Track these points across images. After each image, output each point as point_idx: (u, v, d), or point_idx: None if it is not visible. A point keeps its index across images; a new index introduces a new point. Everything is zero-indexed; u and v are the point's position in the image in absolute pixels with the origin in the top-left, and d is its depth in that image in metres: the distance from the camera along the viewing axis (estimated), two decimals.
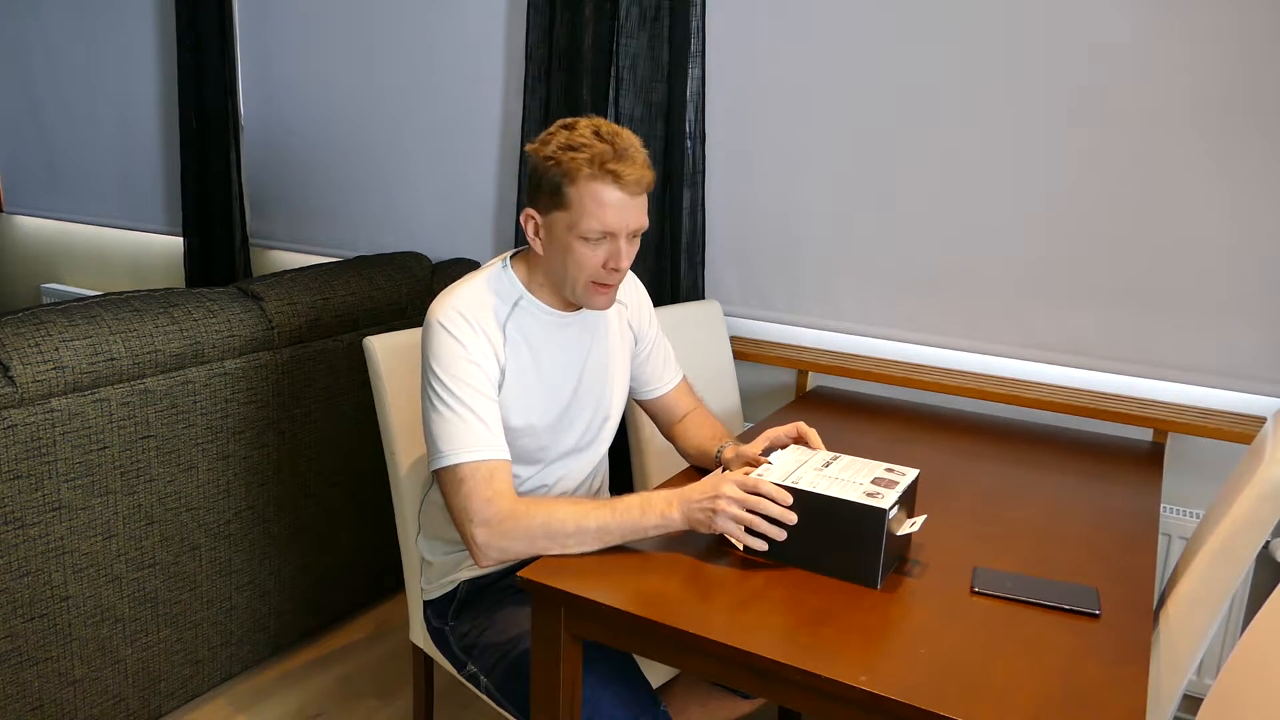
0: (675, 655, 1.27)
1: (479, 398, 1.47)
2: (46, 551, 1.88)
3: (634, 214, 1.47)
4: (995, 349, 2.35)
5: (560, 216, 1.47)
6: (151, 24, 3.64)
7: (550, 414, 1.59)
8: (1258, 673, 1.07)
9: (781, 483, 1.37)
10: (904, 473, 1.44)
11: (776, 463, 1.46)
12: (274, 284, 2.29)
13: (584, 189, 1.44)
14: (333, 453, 2.44)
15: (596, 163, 1.42)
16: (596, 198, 1.44)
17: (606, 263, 1.48)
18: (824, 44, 2.41)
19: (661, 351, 1.80)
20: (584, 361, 1.63)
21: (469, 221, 3.08)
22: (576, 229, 1.46)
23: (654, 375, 1.79)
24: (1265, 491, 1.35)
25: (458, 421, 1.45)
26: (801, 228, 2.52)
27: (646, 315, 1.78)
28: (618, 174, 1.43)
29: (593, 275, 1.50)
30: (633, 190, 1.45)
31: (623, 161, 1.43)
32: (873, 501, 1.32)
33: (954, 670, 1.15)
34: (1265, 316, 2.07)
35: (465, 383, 1.46)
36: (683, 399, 1.82)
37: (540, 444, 1.59)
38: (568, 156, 1.44)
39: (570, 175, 1.44)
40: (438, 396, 1.46)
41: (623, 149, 1.44)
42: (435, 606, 1.72)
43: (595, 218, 1.44)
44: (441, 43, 3.01)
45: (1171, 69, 2.07)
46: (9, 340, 1.80)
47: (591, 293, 1.52)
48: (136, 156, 3.82)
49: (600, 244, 1.47)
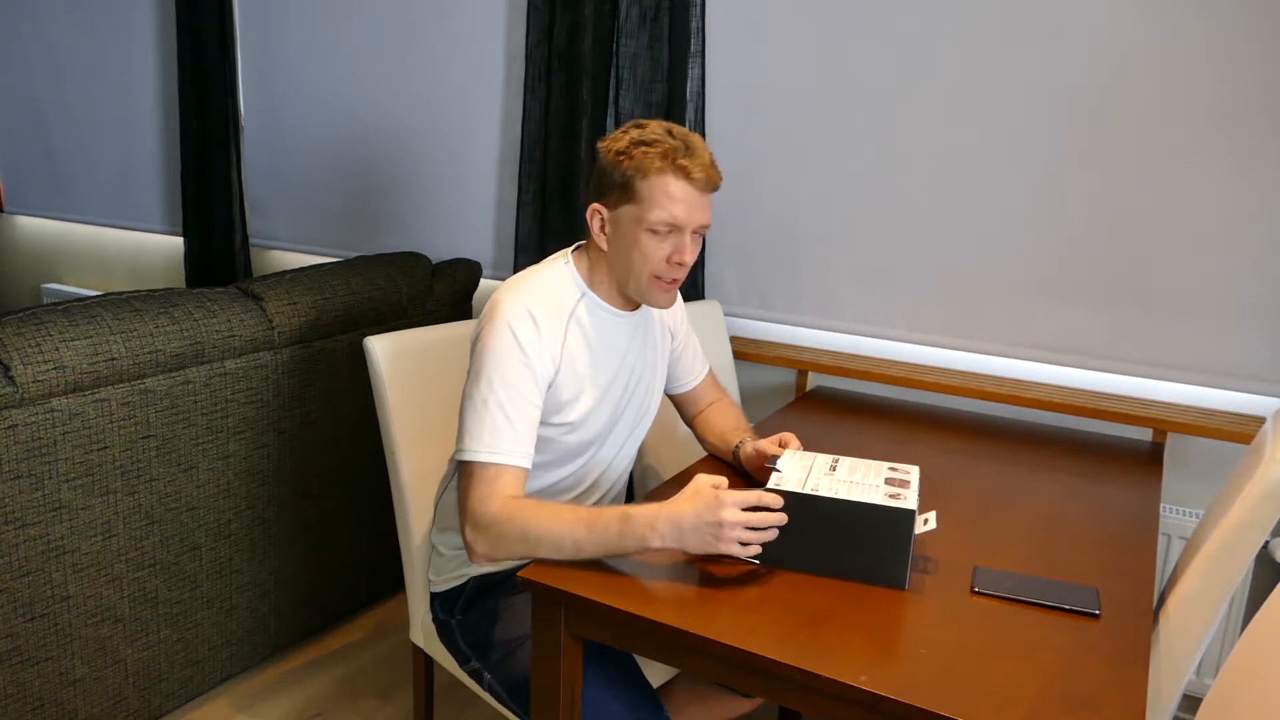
0: (675, 655, 1.27)
1: (519, 400, 1.47)
2: (47, 551, 1.88)
3: (700, 210, 1.51)
4: (995, 349, 2.35)
5: (629, 210, 1.50)
6: (151, 24, 3.64)
7: (602, 412, 1.61)
8: (1258, 673, 1.07)
9: (799, 491, 1.35)
10: (908, 471, 1.45)
11: (785, 470, 1.45)
12: (274, 284, 2.29)
13: (655, 182, 1.48)
14: (333, 453, 2.44)
15: (668, 157, 1.47)
16: (667, 190, 1.47)
17: (671, 256, 1.51)
18: (824, 44, 2.41)
19: (692, 347, 1.84)
20: (636, 361, 1.66)
21: (469, 221, 3.08)
22: (645, 221, 1.49)
23: (686, 370, 1.83)
24: (1265, 491, 1.35)
25: (487, 419, 1.45)
26: (801, 228, 2.52)
27: (680, 314, 1.81)
28: (688, 169, 1.47)
29: (656, 269, 1.52)
30: (701, 186, 1.49)
31: (693, 158, 1.48)
32: (898, 503, 1.32)
33: (954, 670, 1.15)
34: (1265, 316, 2.07)
35: (510, 384, 1.46)
36: (709, 391, 1.86)
37: (587, 440, 1.61)
38: (640, 151, 1.48)
39: (643, 169, 1.48)
40: (478, 389, 1.47)
41: (694, 147, 1.49)
42: (443, 600, 1.72)
43: (665, 209, 1.48)
44: (441, 43, 3.01)
45: (1172, 69, 2.07)
46: (9, 340, 1.80)
47: (654, 288, 1.55)
48: (136, 156, 3.82)
49: (667, 238, 1.50)
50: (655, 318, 1.73)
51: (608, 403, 1.61)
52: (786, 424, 2.03)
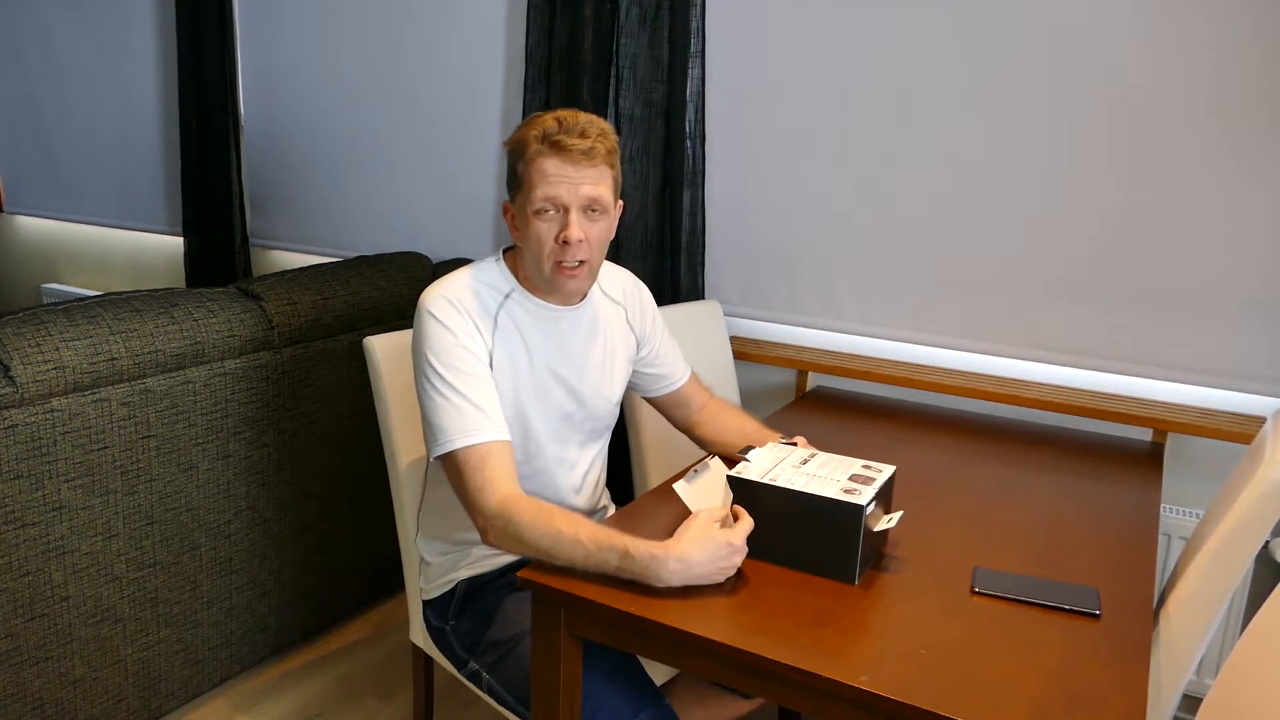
0: (675, 655, 1.27)
1: (472, 380, 1.48)
2: (47, 551, 1.88)
3: (585, 184, 1.47)
4: (995, 349, 2.35)
5: (520, 198, 1.51)
6: (151, 24, 3.64)
7: (543, 405, 1.60)
8: (1258, 673, 1.07)
9: (760, 480, 1.39)
10: (881, 469, 1.45)
11: (754, 460, 1.46)
12: (274, 284, 2.29)
13: (532, 164, 1.48)
14: (333, 453, 2.44)
15: (543, 138, 1.46)
16: (542, 170, 1.47)
17: (558, 236, 1.48)
18: (824, 44, 2.41)
19: (671, 347, 1.82)
20: (580, 356, 1.64)
21: (469, 221, 3.08)
22: (531, 203, 1.48)
23: (667, 372, 1.81)
24: (1265, 491, 1.35)
25: (450, 408, 1.46)
26: (801, 228, 2.52)
27: (650, 316, 1.78)
28: (560, 144, 1.45)
29: (552, 253, 1.50)
30: (578, 160, 1.46)
31: (568, 134, 1.45)
32: (850, 498, 1.34)
33: (954, 670, 1.15)
34: (1265, 316, 2.07)
35: (456, 368, 1.47)
36: (696, 392, 1.84)
37: (532, 434, 1.60)
38: (519, 135, 1.49)
39: (522, 154, 1.49)
40: (430, 384, 1.48)
41: (571, 124, 1.46)
42: (435, 607, 1.72)
43: (540, 189, 1.47)
44: (441, 43, 3.01)
45: (1172, 69, 2.07)
46: (9, 340, 1.80)
47: (557, 274, 1.51)
48: (136, 156, 3.82)
49: (553, 218, 1.48)
50: (612, 316, 1.71)
51: (548, 396, 1.59)
52: (786, 424, 2.03)
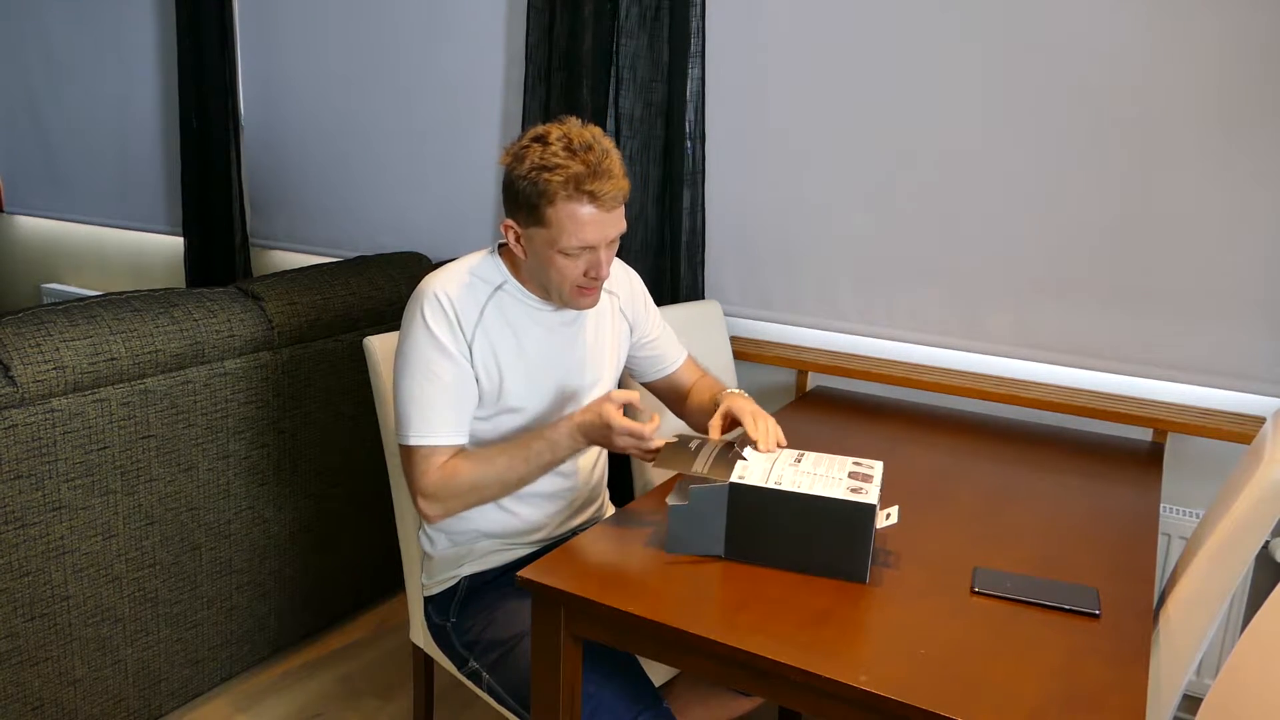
0: (675, 655, 1.27)
1: (437, 384, 1.52)
2: (47, 551, 1.88)
3: (612, 225, 1.50)
4: (995, 349, 2.35)
5: (539, 233, 1.50)
6: (151, 24, 3.64)
7: (535, 396, 1.62)
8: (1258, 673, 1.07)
9: (763, 485, 1.38)
10: (872, 465, 1.46)
11: (752, 461, 1.46)
12: (274, 284, 2.29)
13: (561, 210, 1.46)
14: (333, 453, 2.44)
15: (572, 184, 1.44)
16: (575, 218, 1.46)
17: (588, 272, 1.52)
18: (824, 44, 2.41)
19: (667, 332, 1.84)
20: (572, 347, 1.65)
21: (469, 221, 3.08)
22: (556, 245, 1.48)
23: (662, 353, 1.83)
24: (1265, 492, 1.35)
25: (415, 405, 1.53)
26: (802, 228, 2.52)
27: (641, 302, 1.80)
28: (594, 194, 1.45)
29: (576, 282, 1.53)
30: (609, 206, 1.48)
31: (599, 179, 1.45)
32: (859, 498, 1.34)
33: (954, 670, 1.15)
34: (1265, 316, 2.07)
35: (429, 369, 1.52)
36: (691, 374, 1.86)
37: (525, 425, 1.62)
38: (543, 178, 1.45)
39: (548, 196, 1.46)
40: (406, 375, 1.54)
41: (596, 165, 1.45)
42: (436, 603, 1.72)
43: (574, 236, 1.47)
44: (441, 43, 3.01)
45: (1172, 68, 2.07)
46: (9, 340, 1.80)
47: (576, 296, 1.56)
48: (136, 156, 3.82)
49: (581, 256, 1.51)
50: (606, 308, 1.73)
51: (540, 387, 1.62)
52: (787, 424, 2.03)
